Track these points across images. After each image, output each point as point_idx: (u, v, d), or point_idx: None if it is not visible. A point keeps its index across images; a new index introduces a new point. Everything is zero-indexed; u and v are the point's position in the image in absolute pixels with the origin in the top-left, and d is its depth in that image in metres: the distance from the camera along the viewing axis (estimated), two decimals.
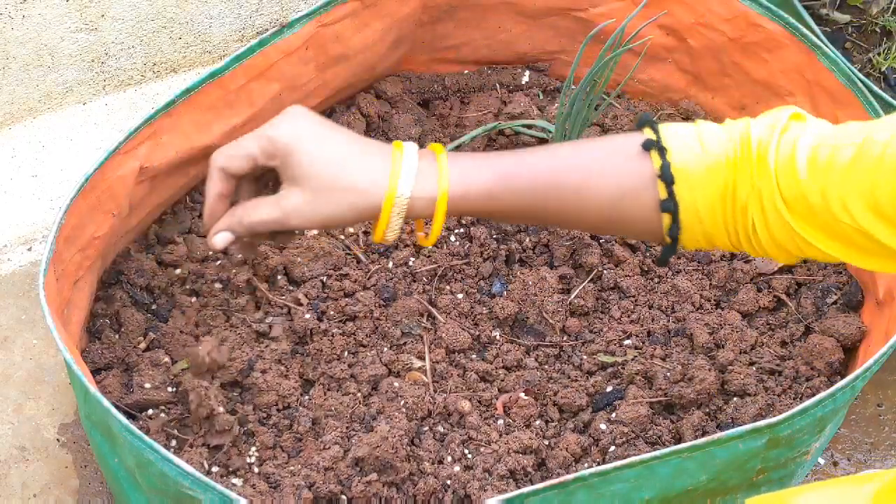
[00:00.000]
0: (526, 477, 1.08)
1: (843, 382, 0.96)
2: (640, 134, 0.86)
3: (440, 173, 0.85)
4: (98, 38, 1.37)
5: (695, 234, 0.87)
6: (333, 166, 0.84)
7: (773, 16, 1.34)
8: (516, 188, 0.86)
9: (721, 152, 0.85)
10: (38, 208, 1.36)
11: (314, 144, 0.84)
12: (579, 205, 0.86)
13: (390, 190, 0.84)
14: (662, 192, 0.85)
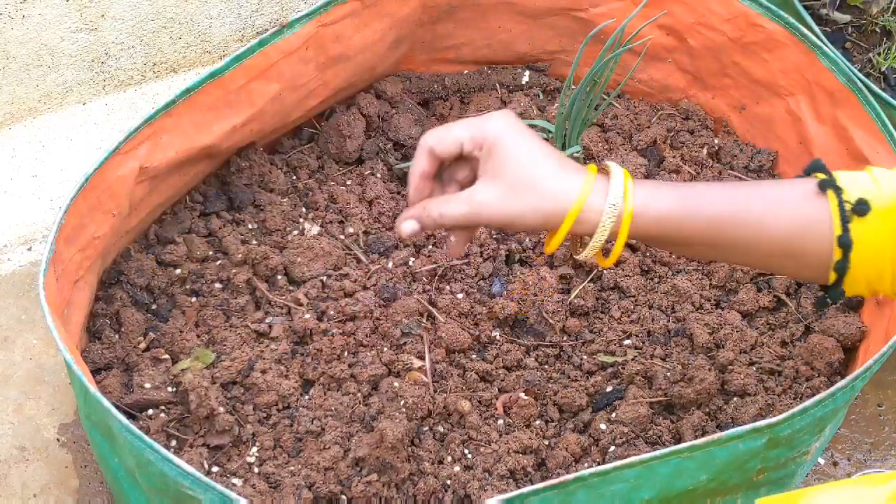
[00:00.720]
0: (526, 477, 1.08)
1: (843, 382, 0.96)
2: (812, 178, 0.90)
3: (626, 192, 0.87)
4: (98, 38, 1.37)
5: (859, 276, 0.89)
6: (532, 166, 0.87)
7: (773, 16, 1.34)
8: (696, 214, 0.88)
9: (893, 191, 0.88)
10: (38, 208, 1.36)
11: (520, 142, 0.88)
12: (756, 235, 0.89)
13: (577, 202, 0.87)
14: (838, 229, 0.88)
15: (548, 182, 0.87)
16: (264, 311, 1.21)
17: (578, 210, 0.87)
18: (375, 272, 1.26)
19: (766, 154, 1.42)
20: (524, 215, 0.88)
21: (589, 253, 0.90)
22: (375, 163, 1.38)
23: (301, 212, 1.33)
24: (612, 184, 0.88)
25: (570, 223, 0.88)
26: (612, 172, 0.89)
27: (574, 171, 0.88)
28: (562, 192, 0.87)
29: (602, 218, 0.87)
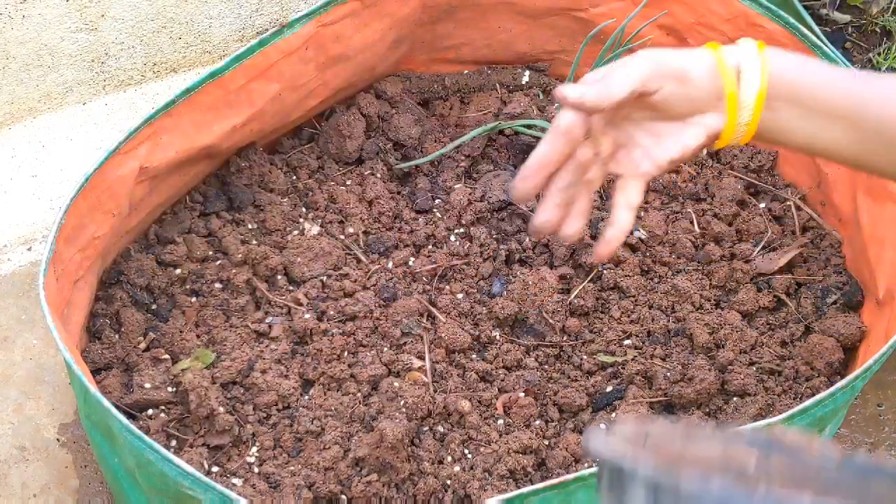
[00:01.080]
0: (526, 477, 1.08)
1: (843, 382, 0.96)
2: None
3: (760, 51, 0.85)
4: (98, 38, 1.37)
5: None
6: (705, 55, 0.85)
7: (773, 16, 1.34)
8: (833, 78, 0.85)
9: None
10: (38, 208, 1.36)
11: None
12: (878, 121, 0.84)
13: (721, 68, 0.84)
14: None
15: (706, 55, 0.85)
16: (264, 311, 1.21)
17: (728, 77, 0.85)
18: (375, 272, 1.26)
19: (766, 154, 1.42)
20: (698, 59, 0.85)
21: (746, 111, 0.86)
22: (375, 163, 1.38)
23: (301, 212, 1.33)
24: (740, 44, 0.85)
25: (725, 72, 0.85)
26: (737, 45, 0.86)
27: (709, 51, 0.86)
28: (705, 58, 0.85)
29: (744, 59, 0.85)
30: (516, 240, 1.31)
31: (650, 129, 0.88)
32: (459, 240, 1.31)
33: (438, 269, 1.27)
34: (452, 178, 1.38)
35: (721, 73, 0.86)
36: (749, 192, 1.41)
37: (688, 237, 1.32)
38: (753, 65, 0.86)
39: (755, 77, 0.86)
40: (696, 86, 0.86)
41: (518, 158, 1.41)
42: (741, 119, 0.87)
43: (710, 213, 1.36)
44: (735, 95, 0.86)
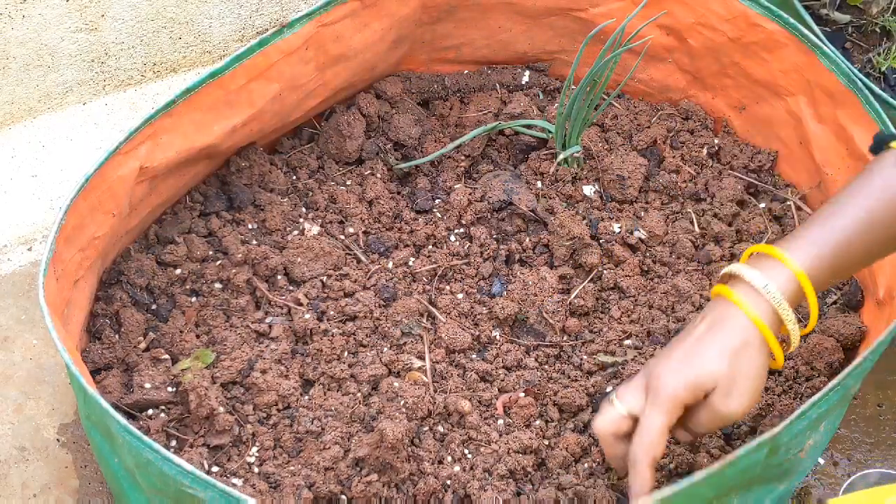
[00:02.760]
0: (526, 477, 1.08)
1: (837, 380, 0.96)
2: (887, 153, 0.95)
3: (786, 264, 0.92)
4: (98, 38, 1.37)
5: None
6: (723, 358, 0.90)
7: (773, 16, 1.34)
8: (839, 254, 0.92)
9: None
10: (38, 208, 1.36)
11: (699, 364, 0.91)
12: (891, 233, 0.94)
13: (755, 319, 0.91)
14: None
15: (734, 344, 0.91)
16: (264, 311, 1.21)
17: (768, 333, 0.91)
18: (375, 272, 1.26)
19: (766, 154, 1.42)
20: (758, 376, 0.92)
21: (795, 336, 0.93)
22: (375, 163, 1.38)
23: (301, 212, 1.33)
24: (748, 277, 0.91)
25: (775, 341, 0.92)
26: (738, 272, 0.93)
27: (722, 317, 0.92)
28: (754, 338, 0.91)
29: (773, 301, 0.91)
30: (516, 240, 1.31)
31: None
32: (459, 240, 1.31)
33: (438, 269, 1.27)
34: (452, 178, 1.38)
35: (770, 344, 0.92)
36: (749, 192, 1.41)
37: (688, 237, 1.32)
38: (790, 314, 0.91)
39: (794, 326, 0.92)
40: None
41: (518, 158, 1.41)
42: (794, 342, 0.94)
43: (710, 213, 1.36)
44: (783, 351, 0.94)
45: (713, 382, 0.90)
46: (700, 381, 0.90)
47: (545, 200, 1.33)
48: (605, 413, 0.95)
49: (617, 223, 1.31)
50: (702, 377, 0.90)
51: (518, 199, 1.32)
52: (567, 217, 1.29)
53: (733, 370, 0.90)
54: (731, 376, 0.90)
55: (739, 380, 0.90)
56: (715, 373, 0.90)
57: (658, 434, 0.90)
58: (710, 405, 0.91)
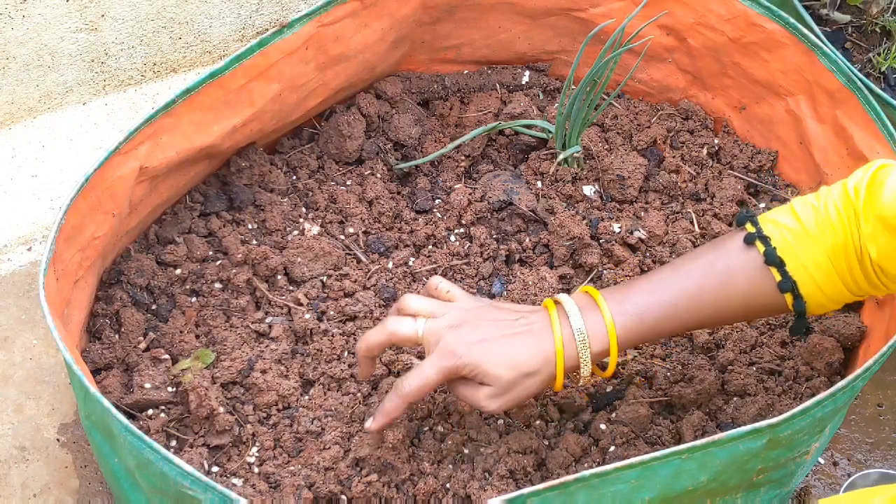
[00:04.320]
0: (526, 477, 1.08)
1: (843, 383, 0.96)
2: (741, 231, 1.00)
3: (602, 311, 0.99)
4: (98, 38, 1.37)
5: (819, 301, 0.99)
6: (511, 369, 0.97)
7: (773, 16, 1.34)
8: (659, 319, 0.99)
9: (818, 219, 0.96)
10: (38, 208, 1.36)
11: (488, 356, 0.97)
12: (719, 311, 1.00)
13: (558, 356, 0.98)
14: (776, 276, 0.97)
15: (528, 365, 0.97)
16: (264, 311, 1.21)
17: (562, 363, 0.98)
18: (375, 272, 1.26)
19: (766, 154, 1.42)
20: (529, 396, 0.99)
21: (584, 381, 1.01)
22: (375, 163, 1.38)
23: (301, 212, 1.33)
24: (572, 318, 0.98)
25: (562, 373, 0.98)
26: (563, 303, 1.00)
27: (538, 326, 0.99)
28: (544, 362, 0.97)
29: (577, 346, 0.98)
30: (516, 240, 1.31)
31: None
32: (459, 240, 1.31)
33: (438, 269, 1.27)
34: (452, 178, 1.38)
35: (557, 377, 0.99)
36: (749, 192, 1.41)
37: (688, 237, 1.32)
38: (587, 361, 0.99)
39: (587, 371, 0.99)
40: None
41: (518, 158, 1.41)
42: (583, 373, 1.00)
43: (710, 213, 1.36)
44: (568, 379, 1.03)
45: (491, 381, 0.96)
46: (482, 371, 0.96)
47: (545, 200, 1.33)
48: (405, 324, 1.01)
49: (617, 223, 1.32)
50: (486, 371, 0.96)
51: (518, 199, 1.32)
52: (567, 217, 1.29)
53: (512, 384, 0.97)
54: (508, 387, 0.97)
55: (512, 392, 0.97)
56: (497, 377, 0.96)
57: (428, 385, 0.98)
58: (475, 392, 0.98)
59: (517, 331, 0.98)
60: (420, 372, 0.98)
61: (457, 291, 1.04)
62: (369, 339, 1.02)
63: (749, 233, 0.99)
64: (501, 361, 0.96)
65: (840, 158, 1.32)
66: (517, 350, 0.97)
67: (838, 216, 0.95)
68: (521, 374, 0.97)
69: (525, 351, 0.97)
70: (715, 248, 1.01)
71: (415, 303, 1.02)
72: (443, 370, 0.97)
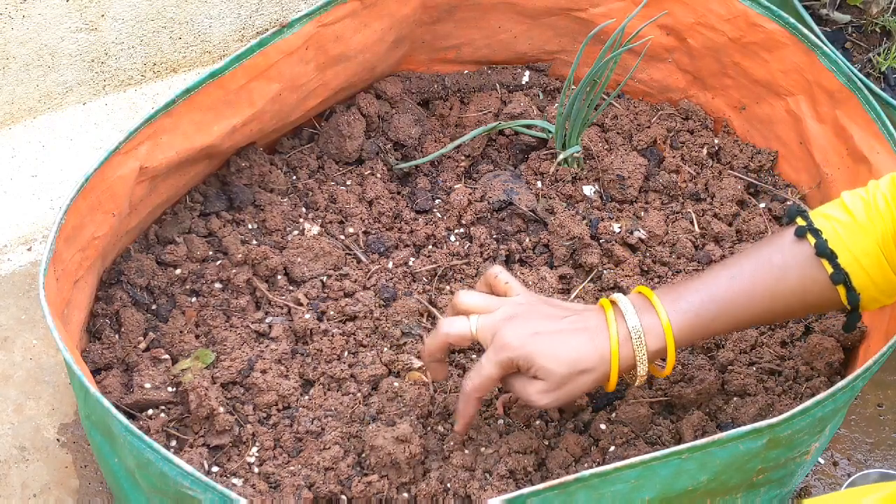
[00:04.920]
0: (526, 477, 1.08)
1: (844, 383, 0.96)
2: (793, 226, 0.99)
3: (657, 309, 0.98)
4: (98, 38, 1.37)
5: (871, 294, 0.98)
6: (566, 365, 0.96)
7: (773, 16, 1.34)
8: (717, 317, 0.98)
9: (867, 209, 0.97)
10: (38, 208, 1.36)
11: (543, 350, 0.96)
12: (771, 310, 0.99)
13: (614, 355, 0.97)
14: (828, 268, 0.97)
15: (584, 362, 0.96)
16: (264, 311, 1.21)
17: (617, 365, 0.97)
18: (375, 272, 1.26)
19: (766, 154, 1.42)
20: (581, 393, 0.98)
21: (641, 381, 1.00)
22: (375, 163, 1.38)
23: (301, 212, 1.33)
24: (628, 318, 0.97)
25: (616, 374, 0.97)
26: (619, 302, 0.99)
27: (594, 322, 0.98)
28: (600, 360, 0.96)
29: (634, 345, 0.97)
30: (516, 240, 1.31)
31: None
32: (459, 240, 1.31)
33: (438, 269, 1.27)
34: (452, 178, 1.38)
35: (612, 377, 0.98)
36: (749, 192, 1.41)
37: (688, 237, 1.32)
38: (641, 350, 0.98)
39: (644, 372, 0.99)
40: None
41: (518, 158, 1.41)
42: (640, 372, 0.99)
43: (710, 213, 1.36)
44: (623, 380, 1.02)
45: (544, 376, 0.96)
46: (536, 365, 0.95)
47: (545, 200, 1.33)
48: (458, 323, 1.00)
49: (617, 223, 1.31)
50: (539, 365, 0.95)
51: (518, 199, 1.32)
52: (567, 217, 1.29)
53: (566, 380, 0.96)
54: (561, 383, 0.96)
55: (564, 389, 0.96)
56: (551, 372, 0.95)
57: (490, 381, 0.98)
58: (527, 386, 0.97)
59: (573, 327, 0.98)
60: (479, 369, 0.98)
61: (515, 284, 1.03)
62: (428, 345, 1.03)
63: (800, 226, 0.99)
64: (556, 356, 0.95)
65: (840, 158, 1.32)
66: (572, 346, 0.96)
67: (887, 205, 0.96)
68: (576, 370, 0.96)
69: (581, 347, 0.96)
70: (768, 244, 1.01)
71: (468, 299, 1.01)
72: (499, 363, 0.97)
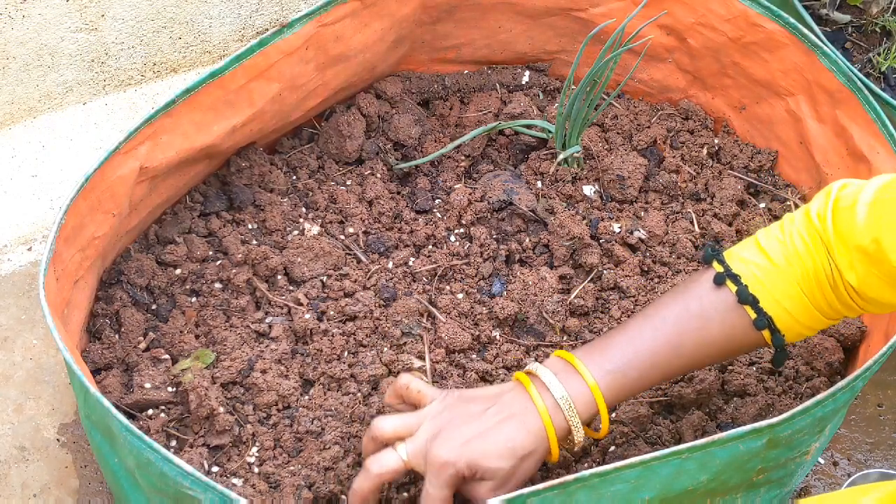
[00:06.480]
0: None
1: (844, 383, 0.96)
2: (709, 271, 0.99)
3: (583, 377, 0.96)
4: (98, 38, 1.37)
5: (794, 330, 0.98)
6: (506, 458, 0.93)
7: (773, 16, 1.34)
8: (642, 372, 0.97)
9: (785, 251, 0.96)
10: (38, 208, 1.36)
11: (480, 453, 0.93)
12: (697, 358, 0.99)
13: (549, 429, 0.95)
14: (751, 314, 0.97)
15: (524, 447, 0.94)
16: (264, 311, 1.21)
17: (554, 436, 0.95)
18: (375, 272, 1.26)
19: (766, 154, 1.42)
20: (531, 475, 0.96)
21: (579, 445, 0.98)
22: (375, 163, 1.38)
23: (301, 212, 1.33)
24: (551, 387, 0.96)
25: (556, 444, 0.96)
26: (538, 374, 0.97)
27: (518, 407, 0.96)
28: (538, 439, 0.95)
29: (566, 414, 0.95)
30: (516, 240, 1.31)
31: None
32: (459, 240, 1.31)
33: (438, 269, 1.27)
34: (452, 178, 1.38)
35: (552, 449, 0.96)
36: (749, 192, 1.41)
37: (688, 237, 1.32)
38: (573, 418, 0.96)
39: (580, 436, 0.97)
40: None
41: (518, 158, 1.41)
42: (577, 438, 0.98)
43: (710, 213, 1.36)
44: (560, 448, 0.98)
45: (490, 476, 0.93)
46: (481, 467, 0.93)
47: (545, 200, 1.33)
48: (387, 457, 0.96)
49: (617, 223, 1.32)
50: (484, 467, 0.93)
51: (518, 199, 1.32)
52: (567, 217, 1.29)
53: (511, 472, 0.94)
54: (508, 477, 0.94)
55: (513, 479, 0.94)
56: (496, 470, 0.93)
57: (443, 502, 0.94)
58: (479, 487, 0.94)
59: (499, 418, 0.95)
60: (427, 499, 0.94)
61: (426, 390, 0.99)
62: (358, 488, 0.96)
63: (718, 273, 0.98)
64: (495, 453, 0.93)
65: (840, 158, 1.32)
66: (506, 437, 0.94)
67: (805, 246, 0.95)
68: (518, 458, 0.93)
69: (514, 435, 0.94)
70: (686, 292, 1.00)
71: (386, 425, 0.97)
72: (445, 484, 0.93)
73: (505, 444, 0.93)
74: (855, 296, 0.95)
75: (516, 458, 0.93)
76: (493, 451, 0.93)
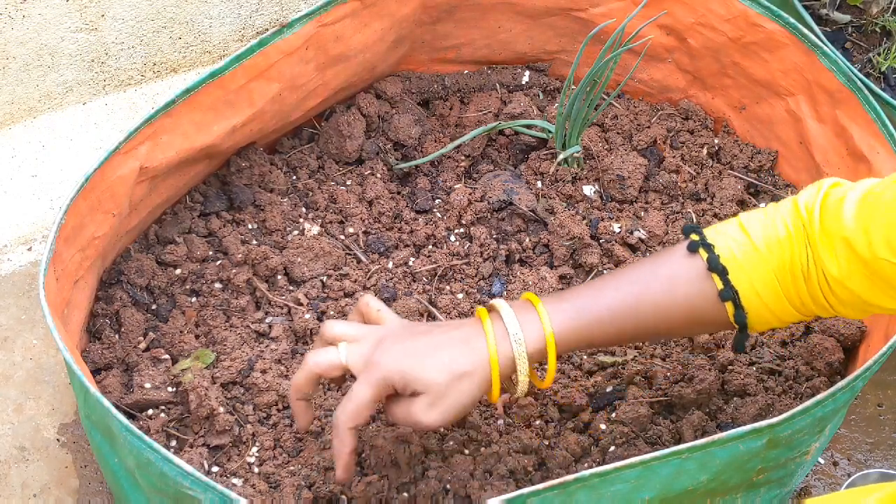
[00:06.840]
0: (526, 477, 1.08)
1: (843, 383, 0.96)
2: (687, 241, 0.97)
3: (541, 317, 0.94)
4: (98, 38, 1.37)
5: (762, 316, 0.96)
6: (443, 372, 0.91)
7: (773, 16, 1.34)
8: (600, 322, 0.96)
9: (766, 235, 0.95)
10: (38, 208, 1.36)
11: (418, 362, 0.92)
12: (657, 323, 0.97)
13: (492, 355, 0.93)
14: (718, 283, 0.95)
15: (462, 367, 0.92)
16: (264, 311, 1.21)
17: (497, 368, 0.93)
18: (375, 272, 1.26)
19: (766, 154, 1.42)
20: (468, 403, 0.93)
21: (523, 387, 0.95)
22: (375, 163, 1.38)
23: (301, 212, 1.33)
24: (506, 319, 0.94)
25: (498, 379, 0.93)
26: (497, 306, 0.96)
27: (470, 332, 0.94)
28: (479, 363, 0.93)
29: (512, 346, 0.93)
30: (516, 240, 1.31)
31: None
32: (459, 240, 1.31)
33: (438, 269, 1.27)
34: (452, 178, 1.38)
35: (493, 384, 0.94)
36: (749, 192, 1.41)
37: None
38: (523, 367, 0.94)
39: (524, 379, 0.95)
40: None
41: (518, 158, 1.41)
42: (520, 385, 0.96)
43: (710, 213, 1.36)
44: (506, 391, 0.97)
45: (423, 388, 0.91)
46: (412, 378, 0.91)
47: (545, 200, 1.33)
48: (326, 354, 0.95)
49: (617, 223, 1.32)
50: (415, 377, 0.91)
51: (518, 199, 1.32)
52: (567, 217, 1.29)
53: (446, 389, 0.91)
54: (442, 393, 0.91)
55: (449, 400, 0.92)
56: (430, 383, 0.91)
57: (364, 405, 0.92)
58: (411, 406, 0.92)
59: (448, 339, 0.94)
60: (350, 395, 0.92)
61: (387, 312, 0.99)
62: (295, 380, 0.96)
63: (693, 241, 0.97)
64: (432, 365, 0.91)
65: (840, 158, 1.32)
66: (447, 354, 0.92)
67: (787, 233, 0.94)
68: (454, 375, 0.91)
69: (456, 353, 0.92)
70: (659, 257, 1.00)
71: (337, 328, 0.96)
72: (373, 383, 0.92)
73: (444, 358, 0.92)
74: (829, 292, 0.93)
75: (452, 374, 0.91)
76: (430, 363, 0.92)
